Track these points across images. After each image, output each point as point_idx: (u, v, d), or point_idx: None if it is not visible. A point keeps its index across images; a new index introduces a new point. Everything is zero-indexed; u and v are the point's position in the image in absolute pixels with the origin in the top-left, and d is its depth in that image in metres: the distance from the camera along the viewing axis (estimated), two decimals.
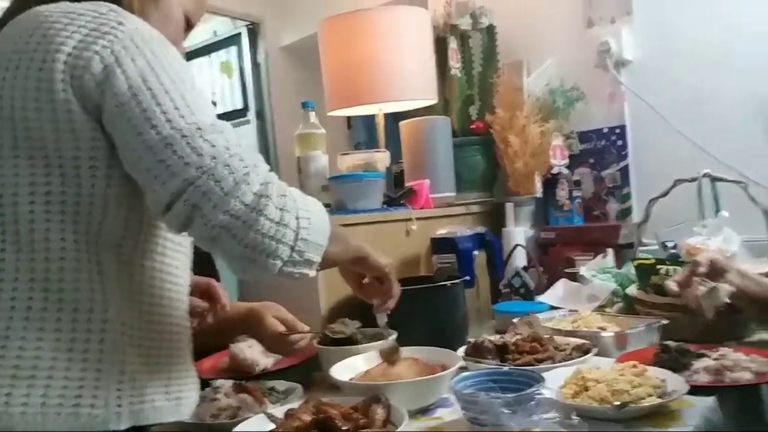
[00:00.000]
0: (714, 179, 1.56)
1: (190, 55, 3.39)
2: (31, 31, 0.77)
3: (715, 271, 1.15)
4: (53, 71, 0.73)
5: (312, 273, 0.79)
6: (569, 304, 1.58)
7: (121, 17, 0.77)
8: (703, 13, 1.78)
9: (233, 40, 3.14)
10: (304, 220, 0.76)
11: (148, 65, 0.74)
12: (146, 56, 0.75)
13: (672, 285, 1.18)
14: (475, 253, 1.65)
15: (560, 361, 1.13)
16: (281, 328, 1.15)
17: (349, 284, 1.04)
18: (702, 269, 1.14)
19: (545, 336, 1.24)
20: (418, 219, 1.70)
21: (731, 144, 1.70)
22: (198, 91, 0.78)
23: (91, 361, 0.75)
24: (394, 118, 2.07)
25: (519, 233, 1.87)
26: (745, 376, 1.04)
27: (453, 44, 2.05)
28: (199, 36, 3.39)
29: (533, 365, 1.11)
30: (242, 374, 1.21)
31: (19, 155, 0.75)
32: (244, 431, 0.87)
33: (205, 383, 1.16)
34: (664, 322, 1.30)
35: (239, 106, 3.13)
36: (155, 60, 0.75)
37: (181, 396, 0.86)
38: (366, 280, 1.03)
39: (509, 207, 1.91)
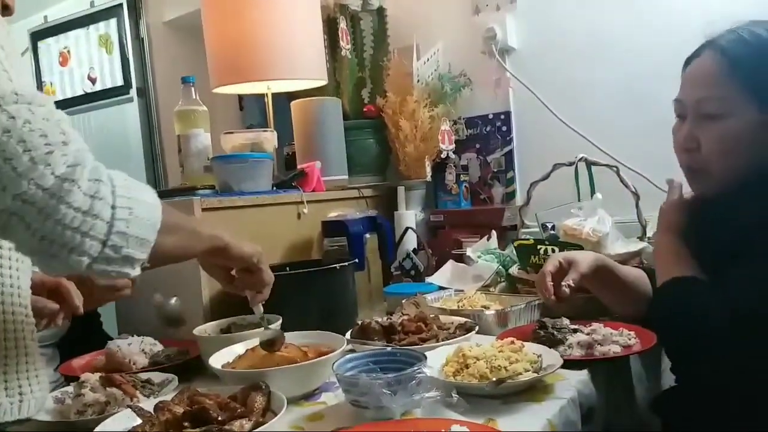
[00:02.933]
0: (589, 163, 1.64)
1: (66, 26, 3.13)
2: None
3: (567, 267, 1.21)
4: None
5: (134, 272, 0.70)
6: (456, 285, 1.61)
7: None
8: (581, 5, 1.86)
9: (113, 12, 2.93)
10: (122, 210, 0.67)
11: None
12: None
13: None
14: (367, 236, 1.64)
15: (443, 340, 1.14)
16: None
17: (215, 278, 0.97)
18: (551, 269, 1.21)
19: (431, 316, 1.26)
20: (309, 202, 1.67)
21: (605, 130, 1.81)
22: (11, 58, 0.68)
23: None
24: (288, 100, 2.01)
25: (410, 216, 1.88)
26: (614, 349, 1.10)
27: (343, 24, 2.02)
28: (74, 6, 3.13)
29: (417, 345, 1.12)
30: (118, 372, 1.13)
31: None
32: (106, 430, 0.81)
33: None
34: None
35: (120, 82, 2.92)
36: None
37: (23, 393, 0.80)
38: (234, 272, 0.96)
39: (401, 190, 1.92)
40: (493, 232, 1.75)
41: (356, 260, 1.49)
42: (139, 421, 0.80)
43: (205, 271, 0.96)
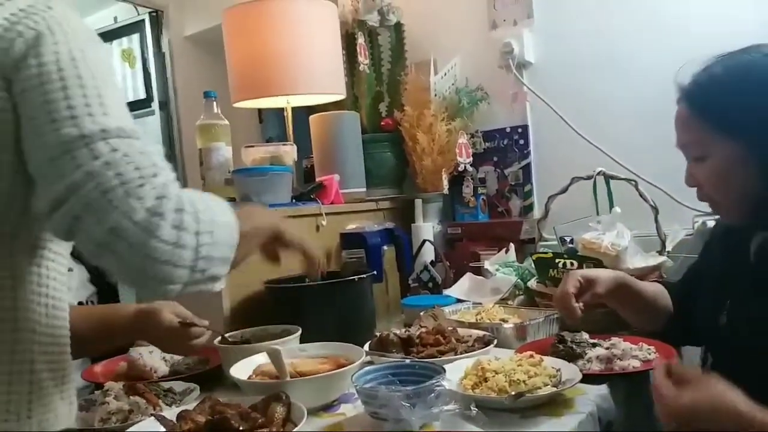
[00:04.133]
0: (608, 177, 1.64)
1: None
2: None
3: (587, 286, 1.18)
4: None
5: (219, 286, 0.74)
6: (474, 297, 1.61)
7: (52, 2, 0.72)
8: (598, 19, 1.87)
9: (136, 27, 2.99)
10: (205, 236, 0.69)
11: (68, 52, 0.69)
12: (69, 43, 0.69)
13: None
14: (384, 248, 1.66)
15: (462, 353, 1.15)
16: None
17: (268, 260, 0.99)
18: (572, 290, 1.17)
19: (449, 328, 1.26)
20: (328, 214, 1.68)
21: (624, 144, 1.81)
22: (116, 92, 0.72)
23: (2, 372, 0.71)
24: (306, 114, 2.04)
25: (427, 229, 1.89)
26: (634, 364, 1.10)
27: (361, 39, 2.05)
28: (99, 21, 3.20)
29: (436, 357, 1.13)
30: (140, 381, 1.14)
31: None
32: None
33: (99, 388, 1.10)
34: None
35: (142, 96, 2.98)
36: (77, 49, 0.69)
37: (72, 400, 0.81)
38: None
39: (418, 203, 1.93)
40: (511, 245, 1.75)
41: (374, 272, 1.50)
42: (162, 429, 0.81)
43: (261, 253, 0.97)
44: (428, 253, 1.84)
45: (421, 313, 1.38)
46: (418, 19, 2.15)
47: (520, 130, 2.00)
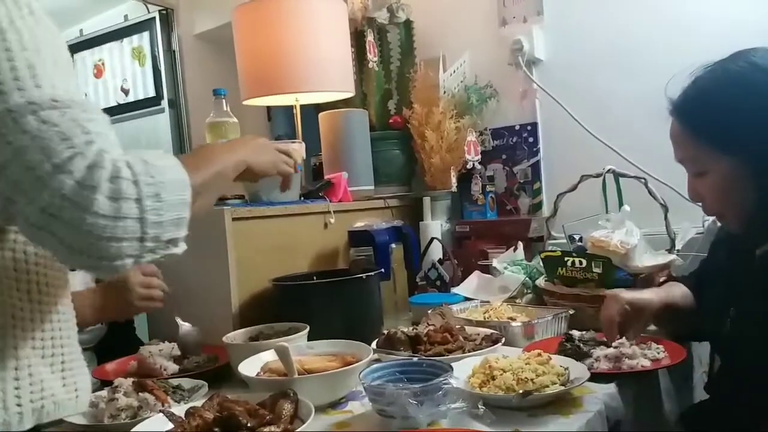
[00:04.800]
0: (617, 175, 1.63)
1: (101, 39, 3.22)
2: None
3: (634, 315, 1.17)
4: None
5: (180, 249, 0.70)
6: (482, 295, 1.61)
7: None
8: (608, 17, 1.86)
9: (146, 25, 3.00)
10: (149, 200, 0.64)
11: (19, 15, 0.66)
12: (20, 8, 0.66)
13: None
14: (392, 246, 1.66)
15: (470, 351, 1.15)
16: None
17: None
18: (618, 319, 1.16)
19: (457, 326, 1.26)
20: (336, 212, 1.68)
21: (633, 141, 1.79)
22: (52, 61, 0.67)
23: None
24: (316, 111, 2.04)
25: (435, 227, 1.89)
26: (643, 363, 1.09)
27: (370, 37, 2.05)
28: (109, 20, 3.22)
29: (443, 355, 1.13)
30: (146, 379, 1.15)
31: None
32: (143, 430, 0.83)
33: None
34: (571, 312, 1.35)
35: (152, 94, 2.99)
36: (6, 19, 0.65)
37: (77, 387, 0.80)
38: None
39: (426, 201, 1.93)
40: (520, 243, 1.75)
41: (382, 270, 1.50)
42: (170, 425, 0.81)
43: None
44: (436, 251, 1.84)
45: (429, 311, 1.38)
46: (428, 16, 2.14)
47: (529, 127, 1.99)
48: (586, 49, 1.90)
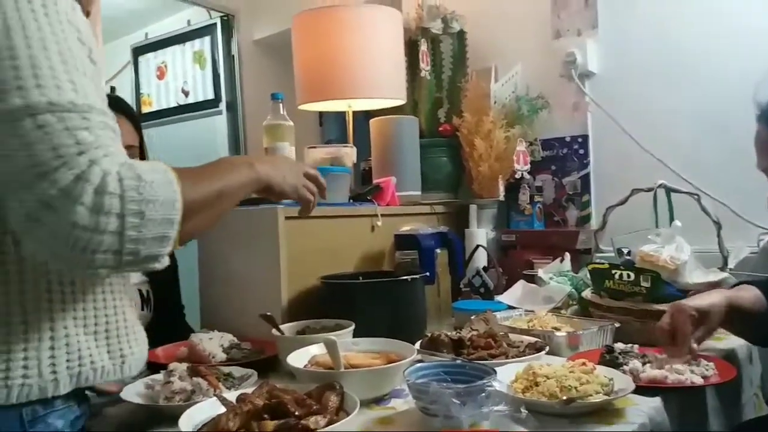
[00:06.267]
0: (669, 190, 1.61)
1: (165, 43, 3.35)
2: None
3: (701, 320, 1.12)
4: None
5: (161, 264, 0.71)
6: (526, 305, 1.61)
7: None
8: (665, 32, 1.84)
9: (207, 30, 3.12)
10: (131, 217, 0.65)
11: (3, 21, 0.65)
12: (5, 10, 0.65)
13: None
14: (437, 251, 1.67)
15: (513, 358, 1.15)
16: None
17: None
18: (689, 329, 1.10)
19: (500, 333, 1.27)
20: (383, 216, 1.71)
21: (686, 157, 1.77)
22: (60, 60, 0.67)
23: (15, 329, 0.71)
24: (365, 117, 2.08)
25: (481, 234, 1.90)
26: (692, 379, 1.08)
27: (423, 46, 2.08)
28: (173, 24, 3.35)
29: (486, 360, 1.14)
30: (202, 364, 1.20)
31: None
32: (195, 414, 0.87)
33: (164, 369, 1.16)
34: (617, 325, 1.34)
35: (211, 96, 3.10)
36: (14, 17, 0.65)
37: (123, 354, 0.82)
38: None
39: (473, 209, 1.94)
40: (567, 255, 1.74)
41: (427, 273, 1.52)
42: (223, 409, 0.85)
43: None
44: (481, 259, 1.85)
45: (473, 317, 1.39)
46: (481, 27, 2.17)
47: (580, 139, 1.99)
48: (640, 62, 1.89)
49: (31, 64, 0.64)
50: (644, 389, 1.03)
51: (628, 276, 1.38)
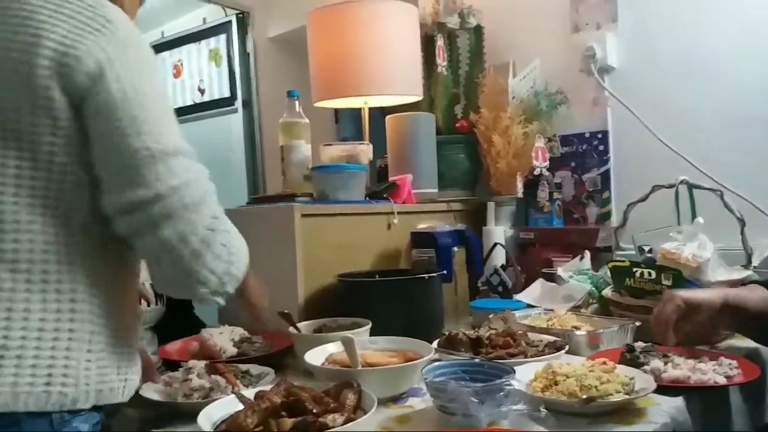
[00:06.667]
0: (691, 186, 1.58)
1: (180, 41, 3.37)
2: (9, 14, 0.76)
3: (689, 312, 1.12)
4: (36, 57, 0.74)
5: (223, 302, 0.86)
6: (545, 304, 1.59)
7: (110, 13, 0.79)
8: (685, 25, 1.81)
9: (223, 28, 3.13)
10: (234, 256, 0.83)
11: (131, 83, 0.78)
12: (130, 73, 0.78)
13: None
14: (454, 249, 1.66)
15: (532, 357, 1.14)
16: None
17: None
18: (674, 317, 1.11)
19: (519, 332, 1.26)
20: (399, 213, 1.71)
21: (709, 152, 1.74)
22: (171, 114, 0.83)
23: (61, 339, 0.76)
24: (381, 114, 2.08)
25: (499, 232, 1.88)
26: (714, 378, 1.06)
27: (440, 42, 2.06)
28: (188, 22, 3.37)
29: (505, 359, 1.12)
30: (209, 360, 1.20)
31: (6, 147, 0.75)
32: (213, 411, 0.87)
33: (176, 365, 1.16)
34: (638, 323, 1.32)
35: (226, 94, 3.11)
36: (145, 68, 0.80)
37: (127, 378, 0.86)
38: None
39: (490, 206, 1.92)
40: (587, 252, 1.72)
41: (444, 271, 1.51)
42: (241, 406, 0.85)
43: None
44: (499, 257, 1.83)
45: (491, 316, 1.38)
46: (499, 22, 2.14)
47: (600, 135, 1.96)
48: (661, 56, 1.86)
49: (156, 117, 0.79)
50: (666, 389, 1.01)
51: (650, 274, 1.36)
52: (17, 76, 0.74)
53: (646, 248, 1.57)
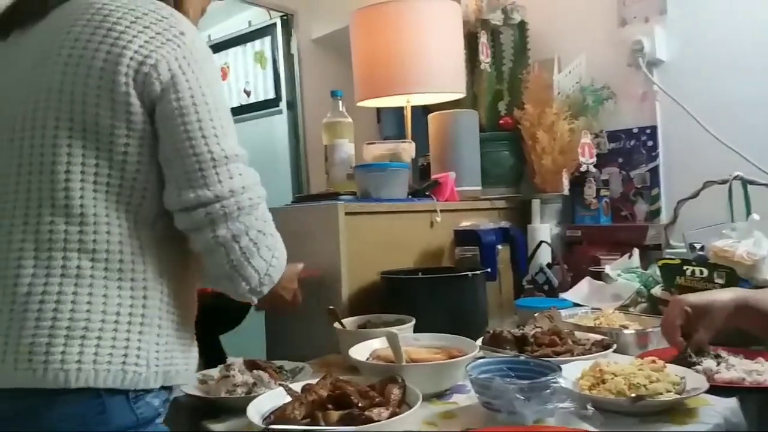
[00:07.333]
0: (745, 182, 1.53)
1: (227, 44, 3.43)
2: (94, 25, 0.83)
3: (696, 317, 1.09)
4: (118, 65, 0.80)
5: (255, 300, 0.91)
6: (593, 303, 1.56)
7: (182, 26, 0.85)
8: (736, 14, 1.75)
9: (267, 30, 3.17)
10: (275, 260, 0.89)
11: (200, 89, 0.83)
12: (199, 80, 0.84)
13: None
14: (499, 247, 1.65)
15: (579, 355, 1.12)
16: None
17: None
18: (678, 322, 1.09)
19: (565, 330, 1.24)
20: (442, 211, 1.70)
21: (762, 147, 1.67)
22: (231, 120, 0.89)
23: (135, 323, 0.82)
24: (423, 113, 2.08)
25: (544, 230, 1.86)
26: None
27: (483, 39, 2.05)
28: (234, 25, 3.43)
29: (551, 357, 1.11)
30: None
31: (72, 137, 0.81)
32: (261, 404, 0.89)
33: (216, 360, 1.18)
34: None
35: (271, 95, 3.15)
36: (206, 85, 0.84)
37: (189, 363, 0.91)
38: None
39: (535, 203, 1.90)
40: (635, 250, 1.68)
41: (488, 270, 1.50)
42: (289, 399, 0.87)
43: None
44: (545, 255, 1.81)
45: (536, 314, 1.37)
46: (543, 17, 2.12)
47: (648, 131, 1.91)
48: (710, 49, 1.80)
49: (221, 123, 0.85)
50: (719, 389, 0.98)
51: (701, 272, 1.33)
52: (101, 82, 0.80)
53: (698, 246, 1.53)
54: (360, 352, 1.10)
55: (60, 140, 0.81)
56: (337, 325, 1.27)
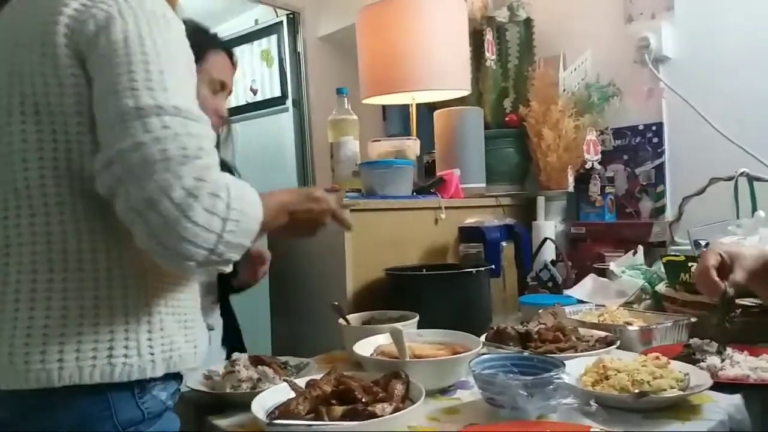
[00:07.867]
0: (751, 178, 1.53)
1: (233, 42, 3.43)
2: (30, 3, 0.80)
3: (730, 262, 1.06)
4: (55, 36, 0.76)
5: (228, 269, 0.78)
6: (597, 299, 1.56)
7: None
8: (745, 11, 1.74)
9: (274, 28, 3.18)
10: (231, 223, 0.73)
11: (137, 32, 0.74)
12: (138, 23, 0.75)
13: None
14: (503, 244, 1.65)
15: (582, 351, 1.13)
16: None
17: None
18: (713, 263, 1.05)
19: (569, 327, 1.24)
20: (447, 208, 1.71)
21: None
22: (180, 73, 0.77)
23: (118, 314, 0.78)
24: (429, 110, 2.08)
25: (549, 227, 1.86)
26: None
27: (489, 36, 2.05)
28: (241, 24, 3.44)
29: (555, 354, 1.11)
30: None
31: (26, 121, 0.77)
32: (265, 399, 0.90)
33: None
34: (693, 319, 1.29)
35: (278, 93, 3.16)
36: (146, 29, 0.75)
37: (196, 343, 0.88)
38: None
39: (540, 200, 1.90)
40: (640, 248, 1.68)
41: (492, 266, 1.50)
42: (293, 394, 0.88)
43: None
44: (549, 252, 1.81)
45: (540, 311, 1.37)
46: (549, 14, 2.11)
47: (654, 128, 1.91)
48: (717, 46, 1.79)
49: (160, 69, 0.74)
50: (724, 386, 0.99)
51: None
52: (39, 47, 0.76)
53: (703, 242, 1.53)
54: (364, 348, 1.10)
55: (14, 126, 0.77)
56: (341, 321, 1.27)
